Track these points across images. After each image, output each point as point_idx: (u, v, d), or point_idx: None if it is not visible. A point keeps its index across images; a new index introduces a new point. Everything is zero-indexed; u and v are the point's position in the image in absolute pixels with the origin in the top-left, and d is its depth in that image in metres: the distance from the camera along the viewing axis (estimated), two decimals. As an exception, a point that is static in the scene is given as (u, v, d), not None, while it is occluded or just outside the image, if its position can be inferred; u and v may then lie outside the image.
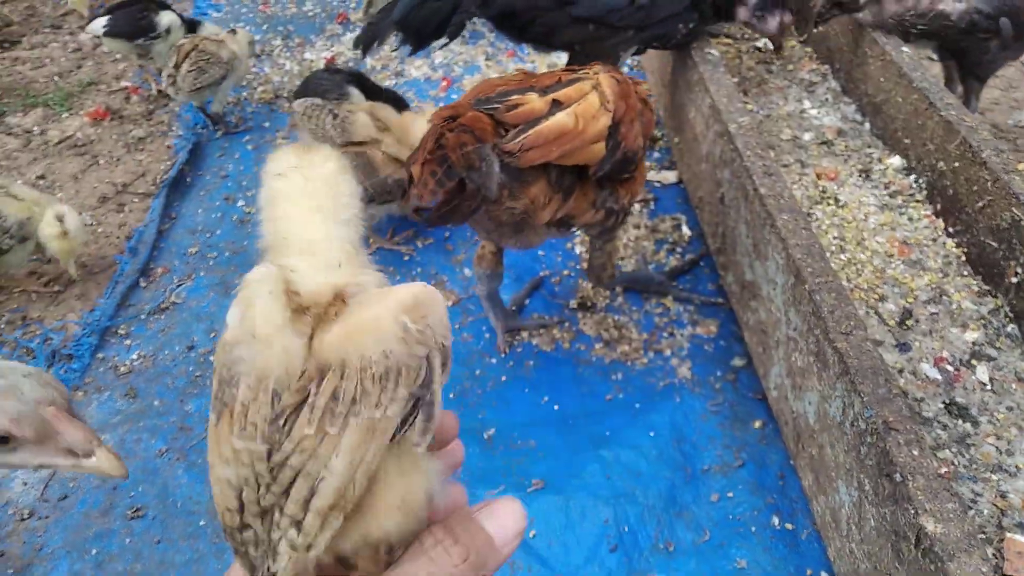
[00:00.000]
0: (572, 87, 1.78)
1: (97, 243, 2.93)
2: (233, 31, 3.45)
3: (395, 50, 3.42)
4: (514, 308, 2.44)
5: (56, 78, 3.87)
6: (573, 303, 2.51)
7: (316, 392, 0.66)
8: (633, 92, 1.94)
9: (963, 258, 2.21)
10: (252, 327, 0.68)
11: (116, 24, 3.47)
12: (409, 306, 0.69)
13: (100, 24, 3.47)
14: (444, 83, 3.59)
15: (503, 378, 2.30)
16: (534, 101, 1.72)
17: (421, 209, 1.65)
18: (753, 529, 1.87)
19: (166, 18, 3.54)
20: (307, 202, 0.83)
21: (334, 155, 0.89)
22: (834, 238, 2.26)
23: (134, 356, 2.43)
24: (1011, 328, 2.00)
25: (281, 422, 0.66)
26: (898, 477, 1.40)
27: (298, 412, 0.66)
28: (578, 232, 2.72)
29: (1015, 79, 3.64)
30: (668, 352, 2.33)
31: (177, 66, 3.19)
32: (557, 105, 1.72)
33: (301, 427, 0.65)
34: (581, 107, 1.73)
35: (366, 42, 2.58)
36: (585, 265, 2.66)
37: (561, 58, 3.56)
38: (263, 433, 0.65)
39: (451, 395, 2.24)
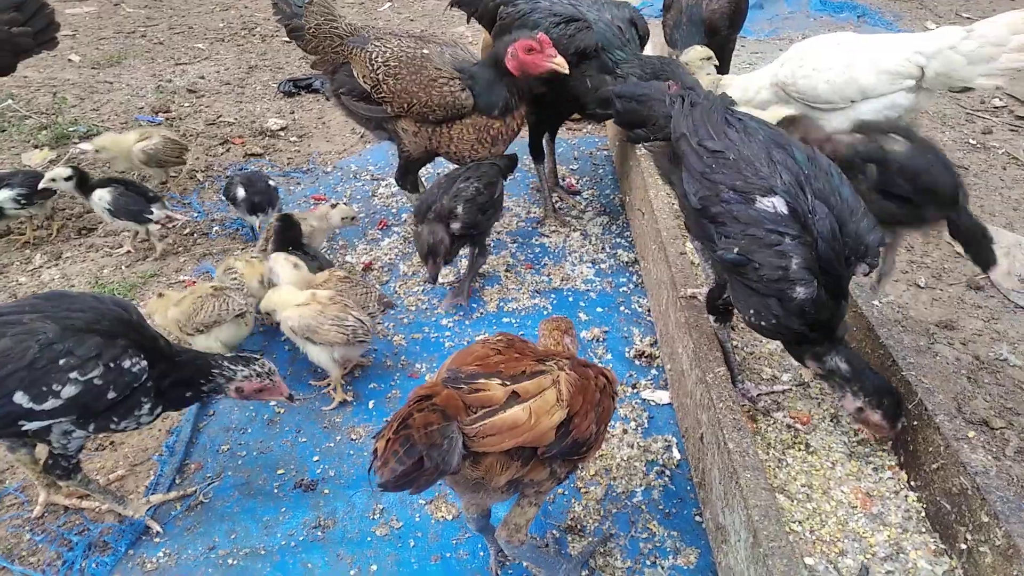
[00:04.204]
0: (533, 381, 2.01)
1: (140, 433, 3.23)
2: (333, 205, 4.00)
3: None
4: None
5: (124, 267, 4.35)
6: (562, 525, 2.70)
7: None
8: (593, 386, 2.15)
9: (923, 513, 2.38)
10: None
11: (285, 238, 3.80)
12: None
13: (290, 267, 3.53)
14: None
15: (493, 601, 2.47)
16: (495, 389, 1.96)
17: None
18: None
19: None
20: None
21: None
22: (802, 486, 2.45)
23: (160, 553, 2.66)
24: (964, 591, 2.14)
25: None
26: None
27: None
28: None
29: (996, 309, 3.88)
30: (649, 585, 2.49)
31: (267, 239, 3.82)
32: (515, 396, 1.96)
33: None
34: (536, 403, 1.96)
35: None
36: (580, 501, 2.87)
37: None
38: None
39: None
